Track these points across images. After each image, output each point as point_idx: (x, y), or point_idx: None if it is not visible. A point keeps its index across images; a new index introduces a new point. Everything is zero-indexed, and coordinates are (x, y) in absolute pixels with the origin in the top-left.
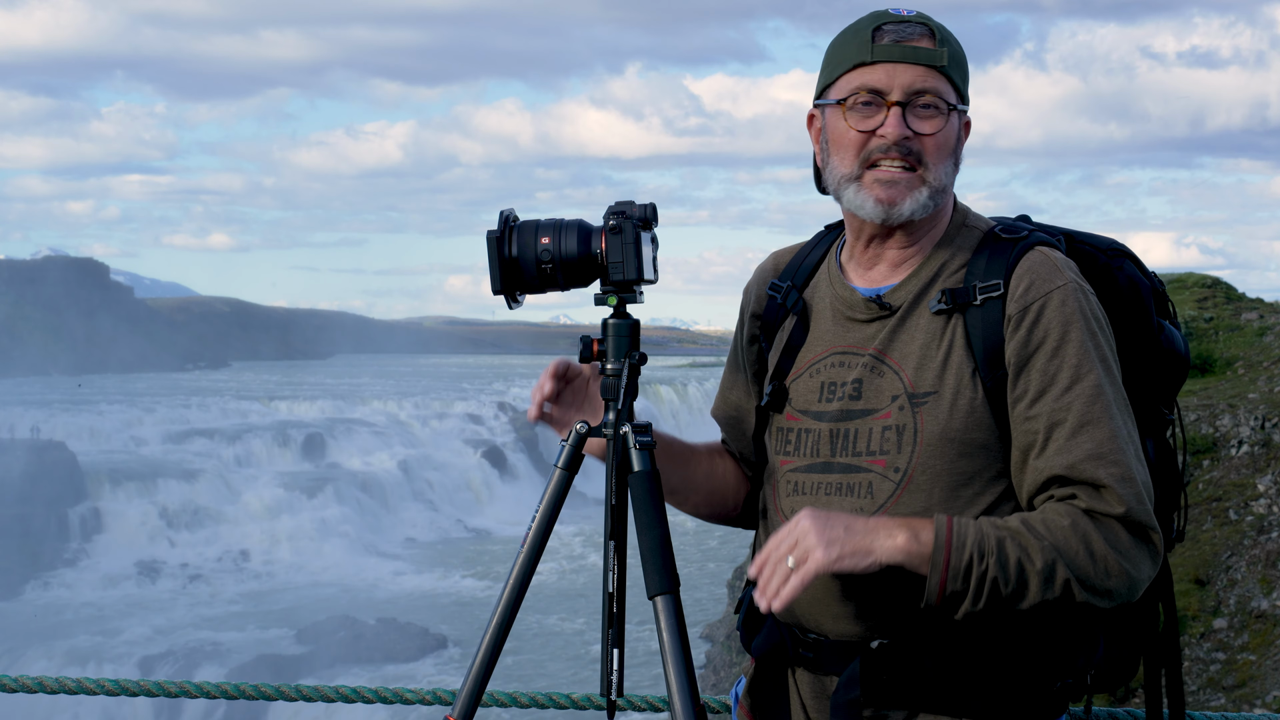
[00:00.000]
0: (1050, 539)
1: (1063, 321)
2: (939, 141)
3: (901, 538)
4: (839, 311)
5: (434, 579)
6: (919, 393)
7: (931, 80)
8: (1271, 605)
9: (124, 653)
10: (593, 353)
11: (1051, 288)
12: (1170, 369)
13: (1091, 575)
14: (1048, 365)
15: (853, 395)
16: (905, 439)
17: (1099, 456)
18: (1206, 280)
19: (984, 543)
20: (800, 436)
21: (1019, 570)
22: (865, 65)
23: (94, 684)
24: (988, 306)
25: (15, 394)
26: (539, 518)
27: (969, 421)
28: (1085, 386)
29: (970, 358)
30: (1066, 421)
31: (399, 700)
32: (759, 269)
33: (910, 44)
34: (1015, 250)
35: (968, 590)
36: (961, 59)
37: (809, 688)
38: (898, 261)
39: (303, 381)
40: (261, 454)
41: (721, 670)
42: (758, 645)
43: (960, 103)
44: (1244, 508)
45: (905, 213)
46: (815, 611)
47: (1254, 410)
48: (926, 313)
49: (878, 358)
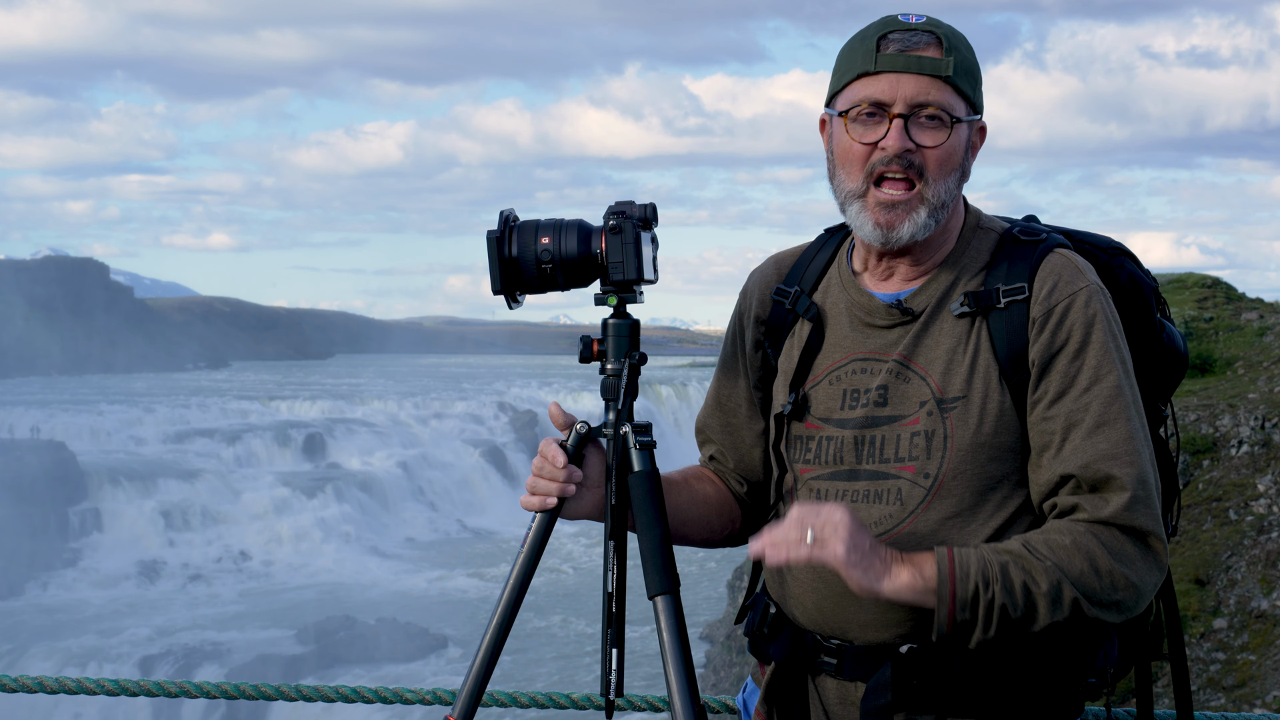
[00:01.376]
0: (1053, 559)
1: (1086, 323)
2: (941, 155)
3: (905, 576)
4: (857, 317)
5: (434, 579)
6: (948, 398)
7: (936, 92)
8: (1271, 605)
9: (124, 653)
10: (593, 353)
11: (1076, 289)
12: (1170, 367)
13: (1099, 591)
14: (1069, 367)
15: (878, 402)
16: (935, 444)
17: (1114, 456)
18: (1206, 280)
19: (987, 570)
20: (821, 444)
21: (1025, 594)
22: (869, 75)
23: (94, 684)
24: (1012, 309)
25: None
26: (539, 518)
27: (998, 425)
28: (1104, 387)
29: (995, 361)
30: (1084, 421)
31: (399, 700)
32: (758, 272)
33: (915, 53)
34: (1037, 252)
35: (977, 619)
36: (971, 66)
37: (832, 694)
38: (913, 270)
39: (303, 381)
40: (261, 454)
41: (721, 670)
42: (776, 651)
43: (971, 113)
44: (1244, 508)
45: (904, 237)
46: (840, 619)
47: (1254, 410)
48: (949, 317)
49: (903, 363)
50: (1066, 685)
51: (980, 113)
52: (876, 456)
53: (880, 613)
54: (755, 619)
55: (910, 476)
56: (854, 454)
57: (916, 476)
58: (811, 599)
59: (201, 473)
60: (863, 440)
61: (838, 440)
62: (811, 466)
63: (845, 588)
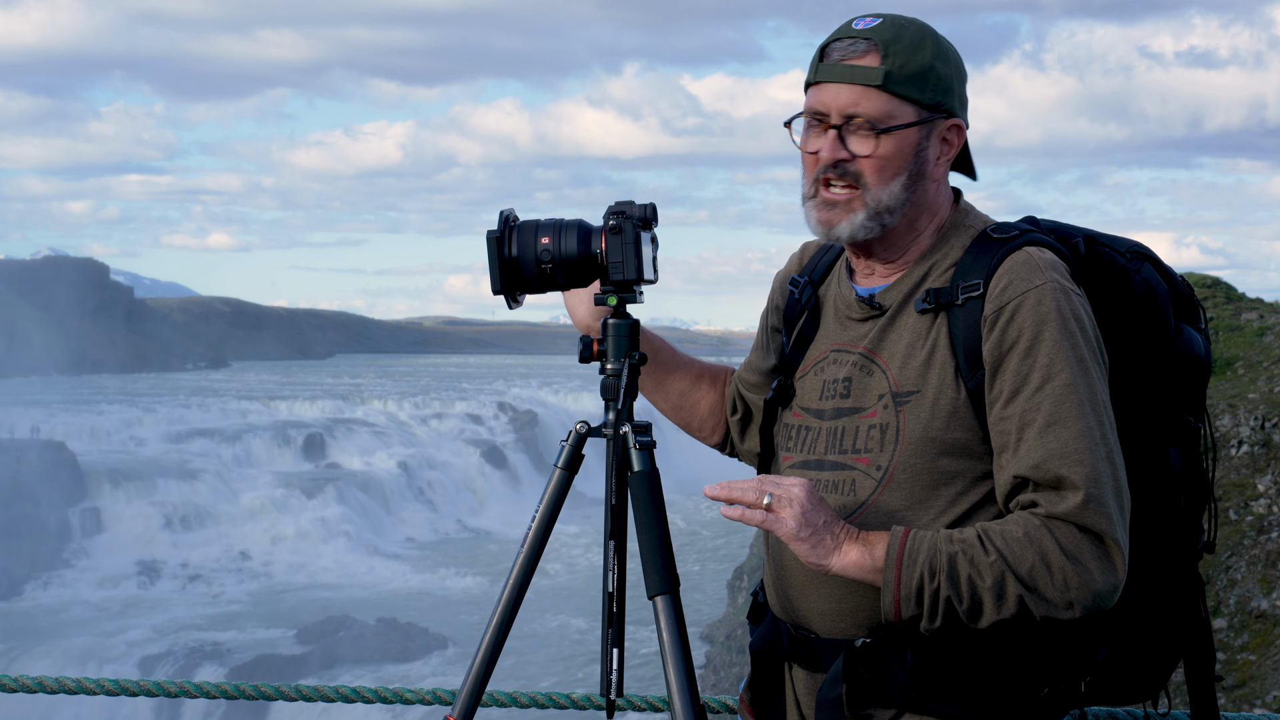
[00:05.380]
0: (1002, 552)
1: (1036, 321)
2: (875, 164)
3: (854, 554)
4: (840, 310)
5: (434, 579)
6: (902, 392)
7: (866, 102)
8: (1271, 605)
9: (124, 653)
10: (593, 353)
11: (1028, 288)
12: (1189, 374)
13: (1047, 589)
14: (1020, 365)
15: (843, 394)
16: (888, 437)
17: (1064, 455)
18: (1206, 280)
19: (935, 559)
20: (800, 433)
21: (970, 587)
22: (814, 85)
23: (94, 684)
24: (968, 306)
25: (15, 394)
26: (539, 518)
27: (950, 421)
28: (1056, 386)
29: (953, 357)
30: (1035, 421)
31: (399, 700)
32: (790, 260)
33: (849, 62)
34: (1001, 250)
35: (923, 610)
36: (919, 68)
37: (803, 684)
38: (888, 267)
39: (303, 381)
40: (261, 454)
41: (721, 670)
42: (754, 642)
43: (924, 114)
44: (1244, 508)
45: (843, 235)
46: (804, 608)
47: (1254, 410)
48: (913, 312)
49: (868, 357)
50: (1025, 690)
51: (947, 111)
52: (838, 447)
53: (836, 603)
54: (750, 610)
55: (864, 468)
56: (824, 444)
57: (869, 468)
58: (780, 589)
59: (201, 473)
60: (834, 431)
61: (815, 430)
62: (790, 454)
63: (803, 578)
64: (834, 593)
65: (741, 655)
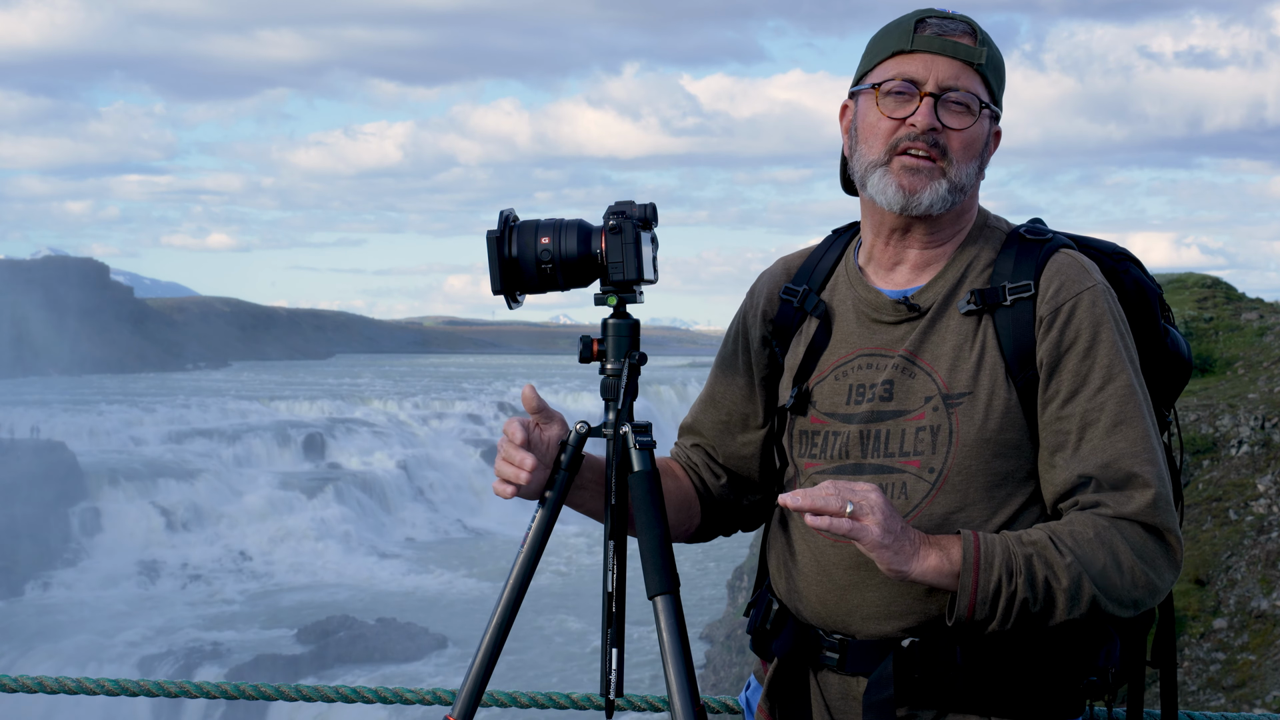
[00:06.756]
0: (1076, 553)
1: (1094, 322)
2: (966, 139)
3: (933, 559)
4: (864, 314)
5: (434, 579)
6: (954, 394)
7: (966, 77)
8: (1271, 605)
9: (124, 653)
10: (593, 353)
11: (1082, 289)
12: (1174, 372)
13: (1118, 588)
14: (1080, 366)
15: (884, 396)
16: (940, 439)
17: (1135, 454)
18: (1206, 280)
19: (1012, 562)
20: (826, 439)
21: (1046, 589)
22: (904, 54)
23: (94, 684)
24: (1018, 307)
25: (15, 394)
26: (539, 518)
27: (1004, 422)
28: (1118, 386)
29: (1002, 358)
30: (1100, 421)
31: (399, 700)
32: (767, 274)
33: (951, 38)
34: (1043, 251)
35: (996, 611)
36: (999, 64)
37: (834, 690)
38: (920, 263)
39: (303, 381)
40: (261, 454)
41: (721, 670)
42: (779, 647)
43: (993, 105)
44: (1244, 508)
45: (924, 203)
46: (843, 611)
47: (1254, 410)
48: (956, 314)
49: (909, 359)
50: (1068, 682)
51: (1000, 111)
52: (882, 451)
53: (884, 604)
54: (759, 616)
55: (915, 471)
56: (859, 448)
57: (921, 471)
58: (815, 592)
59: (201, 473)
60: (868, 435)
61: (844, 435)
62: (816, 461)
63: (848, 580)
64: (881, 594)
65: (741, 655)
